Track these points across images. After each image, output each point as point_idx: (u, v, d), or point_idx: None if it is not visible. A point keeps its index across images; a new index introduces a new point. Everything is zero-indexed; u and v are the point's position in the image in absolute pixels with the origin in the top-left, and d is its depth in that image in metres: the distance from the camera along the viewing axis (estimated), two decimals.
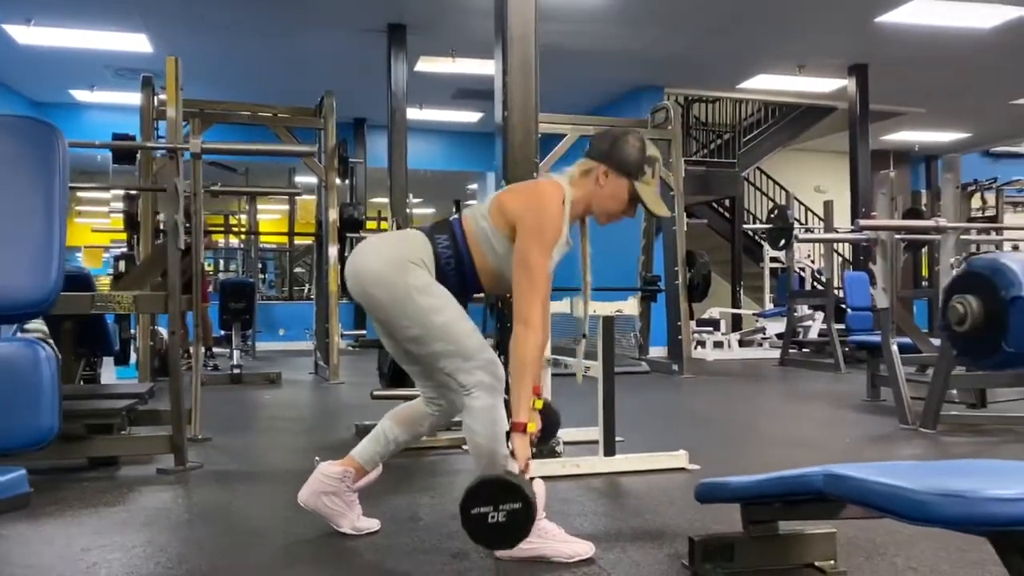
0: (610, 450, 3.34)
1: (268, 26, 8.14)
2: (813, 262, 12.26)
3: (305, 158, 7.04)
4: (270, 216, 18.48)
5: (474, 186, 15.90)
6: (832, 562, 2.16)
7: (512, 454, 2.17)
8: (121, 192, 7.91)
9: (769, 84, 10.06)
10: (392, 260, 2.29)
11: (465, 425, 2.27)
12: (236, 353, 7.28)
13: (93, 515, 2.75)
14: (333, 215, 7.25)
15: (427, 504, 2.89)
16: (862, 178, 9.72)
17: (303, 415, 5.47)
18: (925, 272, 11.26)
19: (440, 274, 2.31)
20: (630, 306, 3.39)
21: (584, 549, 2.27)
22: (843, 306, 8.64)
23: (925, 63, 9.19)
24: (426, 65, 9.18)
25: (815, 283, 11.95)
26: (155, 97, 6.98)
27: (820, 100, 10.77)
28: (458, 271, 2.32)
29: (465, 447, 3.78)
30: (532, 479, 2.16)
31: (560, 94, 9.05)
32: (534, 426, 2.19)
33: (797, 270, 10.55)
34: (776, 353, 9.28)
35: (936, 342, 4.81)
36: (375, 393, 3.98)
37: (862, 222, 4.41)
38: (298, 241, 14.44)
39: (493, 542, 2.08)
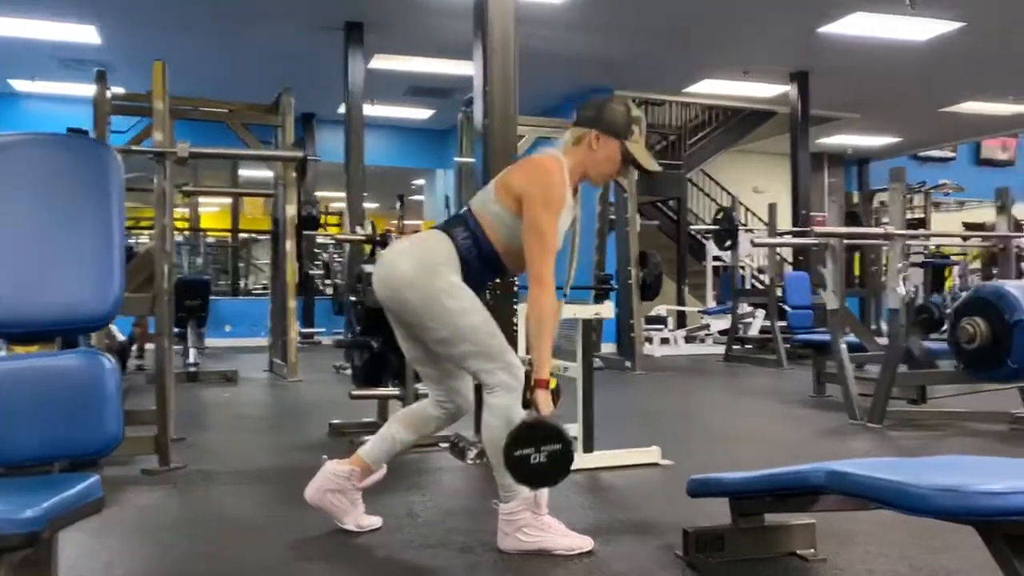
0: (589, 447, 3.49)
1: (222, 21, 8.08)
2: (752, 261, 12.63)
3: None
4: (209, 209, 18.21)
5: (420, 181, 15.92)
6: (812, 550, 2.35)
7: (536, 409, 2.29)
8: None
9: (714, 88, 10.37)
10: (421, 264, 2.39)
11: (483, 422, 2.39)
12: (192, 351, 7.23)
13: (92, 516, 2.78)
14: (291, 212, 7.25)
15: (421, 501, 2.99)
16: (802, 181, 10.10)
17: (270, 413, 5.51)
18: (856, 271, 11.76)
19: (465, 267, 2.42)
20: (607, 309, 3.55)
21: (584, 543, 2.41)
22: (781, 305, 8.97)
23: (863, 72, 9.58)
24: (381, 63, 9.21)
25: (754, 281, 12.34)
26: (108, 91, 6.88)
27: (762, 105, 11.13)
28: (480, 259, 2.43)
29: (443, 445, 3.92)
30: None
31: None
32: (555, 382, 2.33)
33: (725, 269, 10.89)
34: (719, 349, 9.58)
35: (882, 341, 5.10)
36: (353, 393, 4.06)
37: (817, 229, 4.66)
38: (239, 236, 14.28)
39: (536, 481, 2.25)
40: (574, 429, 3.57)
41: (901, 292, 4.44)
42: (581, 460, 3.46)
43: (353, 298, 4.08)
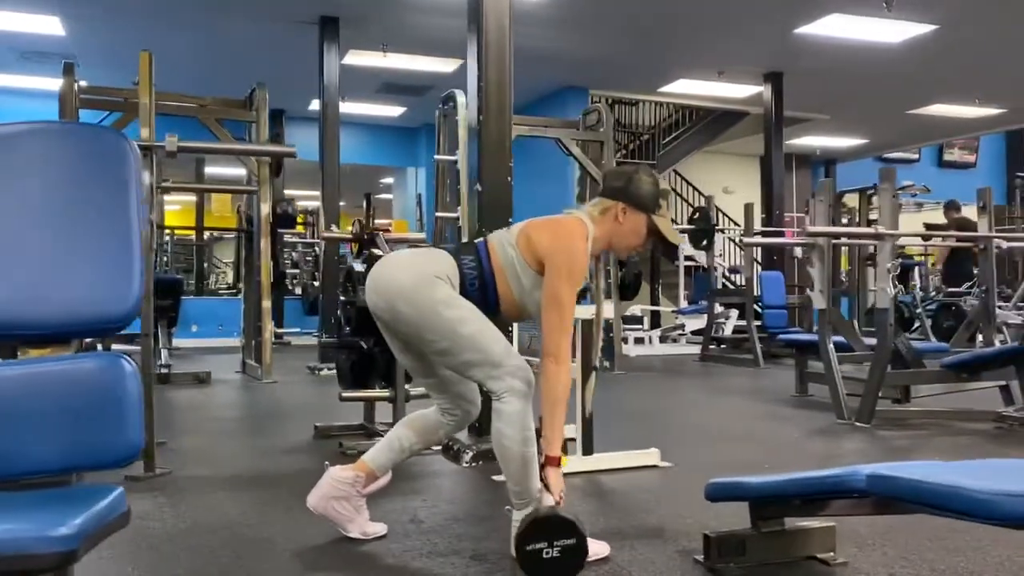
0: (588, 449, 3.43)
1: (191, 13, 7.89)
2: (724, 261, 12.70)
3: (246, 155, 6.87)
4: (171, 207, 17.85)
5: (388, 180, 15.76)
6: (832, 553, 2.32)
7: (546, 487, 2.23)
8: None
9: (689, 88, 10.39)
10: (417, 275, 2.32)
11: (495, 429, 2.31)
12: (164, 352, 7.04)
13: None
14: (265, 210, 7.10)
15: (422, 507, 2.91)
16: (775, 181, 10.16)
17: (249, 416, 5.37)
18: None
19: (464, 294, 2.35)
20: (608, 309, 3.48)
21: (600, 549, 2.35)
22: (754, 305, 9.01)
23: (836, 73, 9.68)
24: (354, 59, 9.08)
25: (725, 282, 12.39)
26: (76, 84, 6.68)
27: (735, 105, 11.18)
28: (481, 293, 2.36)
29: (436, 448, 3.83)
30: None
31: None
32: (567, 460, 2.27)
33: (702, 269, 10.91)
34: (692, 349, 9.60)
35: (870, 341, 5.12)
36: (344, 395, 3.96)
37: (809, 228, 4.65)
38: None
39: None
40: (571, 431, 3.51)
41: (891, 292, 4.45)
42: (581, 463, 3.42)
43: (343, 297, 3.97)
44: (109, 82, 7.41)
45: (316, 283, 10.21)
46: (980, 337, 6.63)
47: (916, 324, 9.81)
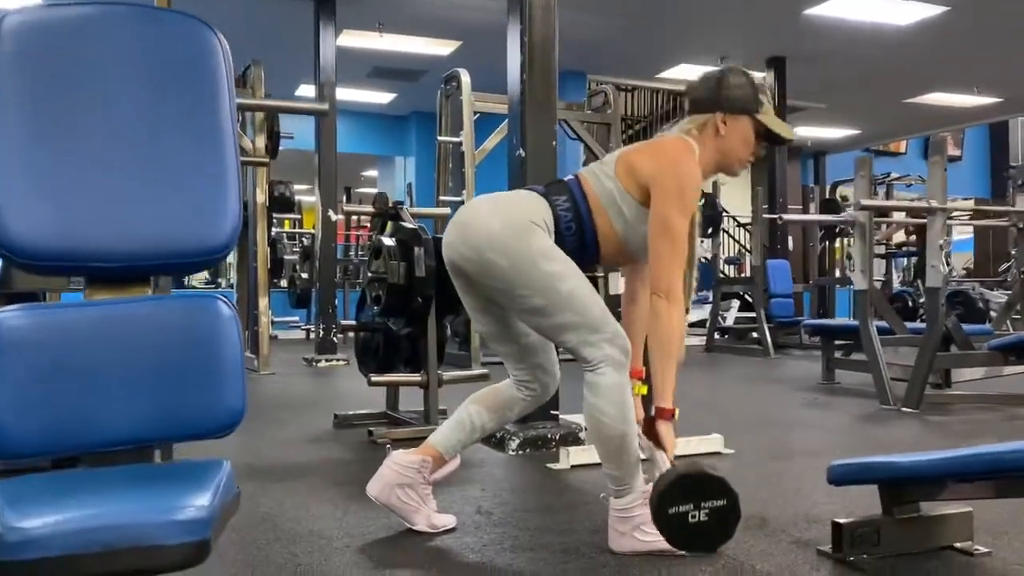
0: None
1: None
2: (723, 252, 12.50)
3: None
4: None
5: (370, 172, 15.39)
6: (971, 542, 2.06)
7: (658, 444, 1.96)
8: None
9: (689, 74, 10.14)
10: (511, 221, 2.03)
11: (589, 404, 2.03)
12: None
13: None
14: (261, 195, 6.75)
15: (484, 497, 2.62)
16: (778, 169, 9.97)
17: (258, 407, 4.97)
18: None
19: (559, 239, 2.06)
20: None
21: None
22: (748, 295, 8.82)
23: (839, 58, 9.49)
24: (348, 39, 8.72)
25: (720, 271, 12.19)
26: None
27: None
28: (578, 237, 2.08)
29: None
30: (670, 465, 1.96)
31: (490, 76, 8.81)
32: (677, 412, 2.01)
33: (704, 259, 10.70)
34: (692, 340, 9.38)
35: (916, 325, 4.91)
36: (373, 379, 3.65)
37: (863, 202, 4.42)
38: None
39: (693, 544, 1.86)
40: None
41: (943, 270, 4.22)
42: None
43: (371, 273, 3.66)
44: None
45: (304, 275, 9.85)
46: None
47: (921, 312, 9.66)
